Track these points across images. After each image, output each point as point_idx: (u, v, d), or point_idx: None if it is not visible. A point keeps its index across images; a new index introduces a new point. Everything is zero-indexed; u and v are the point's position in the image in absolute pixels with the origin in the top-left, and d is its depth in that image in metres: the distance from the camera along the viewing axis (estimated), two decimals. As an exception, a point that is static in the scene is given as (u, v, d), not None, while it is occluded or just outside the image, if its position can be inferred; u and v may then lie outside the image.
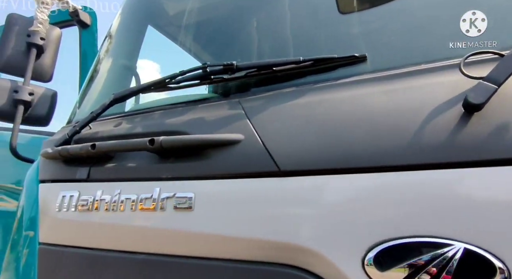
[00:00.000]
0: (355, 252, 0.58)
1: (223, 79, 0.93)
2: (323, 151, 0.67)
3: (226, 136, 0.78)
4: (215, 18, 1.52)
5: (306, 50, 0.95)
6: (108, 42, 1.58)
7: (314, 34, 0.97)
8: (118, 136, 0.96)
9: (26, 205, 1.11)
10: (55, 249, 0.94)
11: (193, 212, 0.75)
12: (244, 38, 1.23)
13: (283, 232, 0.65)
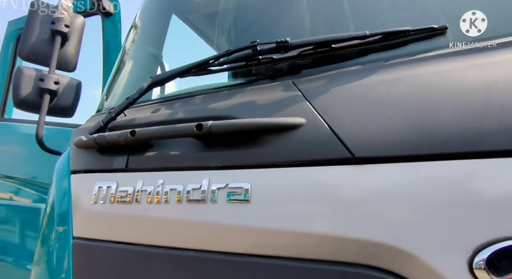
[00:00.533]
0: (460, 254, 0.49)
1: (273, 59, 0.84)
2: (406, 135, 0.58)
3: (285, 120, 0.69)
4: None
5: (357, 24, 0.85)
6: (134, 31, 1.51)
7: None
8: (158, 122, 0.88)
9: (56, 197, 1.05)
10: (91, 244, 0.87)
11: (250, 205, 0.67)
12: (277, 22, 1.14)
13: (366, 229, 0.56)
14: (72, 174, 1.00)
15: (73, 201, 0.95)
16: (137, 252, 0.78)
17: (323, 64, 0.79)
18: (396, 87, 0.64)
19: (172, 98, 0.97)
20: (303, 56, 0.81)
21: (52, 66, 1.47)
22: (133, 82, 1.38)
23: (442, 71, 0.63)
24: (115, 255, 0.82)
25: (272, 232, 0.64)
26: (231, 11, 1.48)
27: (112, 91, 1.31)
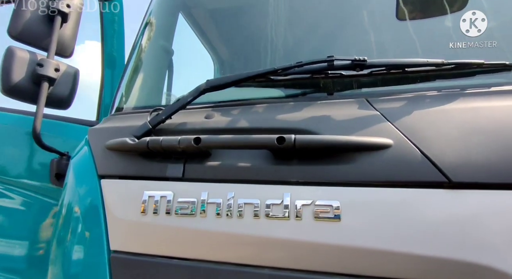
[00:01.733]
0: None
1: (343, 75, 0.85)
2: (501, 163, 0.63)
3: (373, 139, 0.70)
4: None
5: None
6: (149, 29, 1.40)
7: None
8: (218, 130, 0.83)
9: (79, 204, 0.92)
10: (133, 260, 0.79)
11: (340, 223, 0.67)
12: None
13: (466, 251, 0.60)
14: (103, 179, 0.90)
15: (108, 209, 0.85)
16: (204, 269, 0.73)
17: (395, 85, 0.82)
18: (481, 115, 0.69)
19: (226, 104, 0.92)
20: (374, 75, 0.83)
21: (52, 50, 1.29)
22: (154, 82, 1.28)
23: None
24: (173, 272, 0.75)
25: (364, 251, 0.65)
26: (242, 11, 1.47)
27: (132, 90, 1.20)
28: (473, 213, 0.62)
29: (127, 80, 1.26)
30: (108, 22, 1.71)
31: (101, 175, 0.91)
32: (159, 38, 1.44)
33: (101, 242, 0.84)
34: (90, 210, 0.89)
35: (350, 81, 0.86)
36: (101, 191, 0.89)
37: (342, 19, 1.16)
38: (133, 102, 1.16)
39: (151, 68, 1.33)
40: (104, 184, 0.89)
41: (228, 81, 0.87)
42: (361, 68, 0.81)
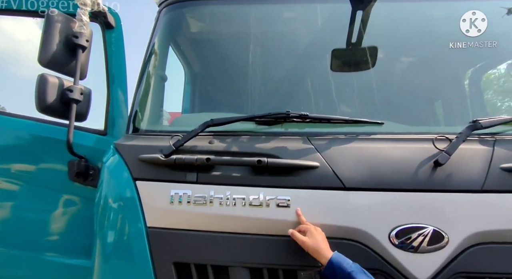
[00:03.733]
0: (386, 231, 1.18)
1: (294, 121, 1.42)
2: (372, 178, 1.25)
3: (310, 163, 1.28)
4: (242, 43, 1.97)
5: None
6: (153, 54, 1.83)
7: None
8: (219, 153, 1.34)
9: (119, 198, 1.37)
10: (165, 231, 1.28)
11: (290, 209, 1.24)
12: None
13: (348, 221, 1.21)
14: (138, 181, 1.35)
15: (144, 201, 1.31)
16: (210, 236, 1.25)
17: (323, 129, 1.42)
18: (364, 150, 1.31)
19: (222, 134, 1.42)
20: (313, 123, 1.41)
21: (77, 77, 1.66)
22: (159, 105, 1.74)
23: (385, 147, 1.33)
24: (190, 238, 1.26)
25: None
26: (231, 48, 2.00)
27: (144, 113, 1.64)
28: (355, 203, 1.23)
29: (139, 105, 1.68)
30: (110, 44, 2.07)
31: (135, 178, 1.36)
32: (159, 68, 1.88)
33: (140, 221, 1.30)
34: (129, 201, 1.34)
35: (298, 125, 1.43)
36: (136, 189, 1.34)
37: (312, 67, 1.75)
38: (145, 125, 1.60)
39: (156, 96, 1.76)
40: (139, 184, 1.35)
41: (225, 121, 1.39)
42: (304, 120, 1.38)
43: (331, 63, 1.82)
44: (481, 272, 1.18)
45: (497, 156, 1.28)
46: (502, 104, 1.81)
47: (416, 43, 1.84)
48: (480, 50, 1.89)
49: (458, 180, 1.24)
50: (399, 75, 1.81)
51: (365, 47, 1.80)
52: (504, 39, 1.93)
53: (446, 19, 1.87)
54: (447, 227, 1.19)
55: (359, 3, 1.79)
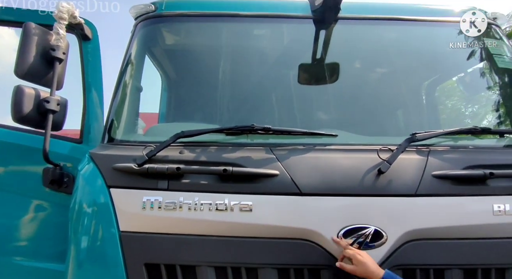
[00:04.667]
0: (335, 231, 1.36)
1: (259, 133, 1.57)
2: (327, 182, 1.42)
3: (271, 171, 1.44)
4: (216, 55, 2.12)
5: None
6: (129, 65, 1.93)
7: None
8: (187, 162, 1.47)
9: (93, 204, 1.46)
10: (137, 235, 1.39)
11: (252, 213, 1.39)
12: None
13: (303, 223, 1.37)
14: (112, 189, 1.45)
15: (117, 207, 1.42)
16: (178, 238, 1.37)
17: (284, 140, 1.58)
18: (319, 159, 1.48)
19: (191, 145, 1.55)
20: (275, 135, 1.57)
21: (53, 88, 1.73)
22: (135, 116, 1.84)
23: (338, 157, 1.51)
24: (161, 241, 1.37)
25: (263, 226, 1.38)
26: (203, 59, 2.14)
27: (119, 123, 1.74)
28: (309, 207, 1.39)
29: (114, 115, 1.78)
30: (86, 54, 2.14)
31: (109, 185, 1.46)
32: (134, 77, 1.97)
33: (113, 226, 1.40)
34: (103, 207, 1.44)
35: (263, 137, 1.59)
36: (110, 195, 1.44)
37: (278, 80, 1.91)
38: (120, 135, 1.70)
39: (131, 107, 1.86)
40: (113, 191, 1.45)
41: (196, 133, 1.52)
42: (267, 132, 1.54)
43: (297, 77, 2.00)
44: (414, 264, 1.37)
45: (430, 165, 1.49)
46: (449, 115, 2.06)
47: (370, 61, 2.06)
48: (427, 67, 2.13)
49: (396, 186, 1.44)
50: (356, 90, 2.01)
51: (326, 64, 1.99)
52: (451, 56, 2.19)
53: (396, 40, 2.10)
54: (386, 226, 1.38)
55: (321, 23, 1.98)
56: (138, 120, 2.01)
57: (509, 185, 1.45)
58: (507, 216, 1.41)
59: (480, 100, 2.07)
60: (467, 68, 2.14)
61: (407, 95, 2.02)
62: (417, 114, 2.04)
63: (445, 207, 1.43)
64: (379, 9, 2.12)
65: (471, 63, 2.08)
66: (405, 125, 1.89)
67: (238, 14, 2.02)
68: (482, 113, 2.03)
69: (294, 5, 2.10)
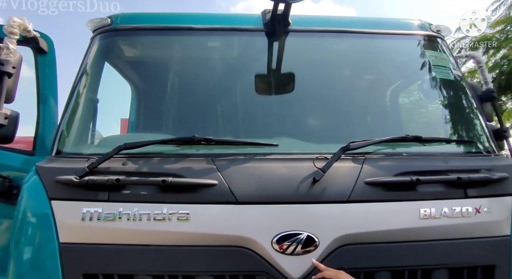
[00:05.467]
0: (269, 238, 1.41)
1: (202, 143, 1.63)
2: (263, 191, 1.48)
3: (208, 181, 1.49)
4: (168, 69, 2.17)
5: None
6: (84, 78, 1.97)
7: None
8: (128, 173, 1.51)
9: (35, 216, 1.48)
10: (77, 246, 1.42)
11: (190, 222, 1.43)
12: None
13: (238, 230, 1.42)
14: (53, 201, 1.48)
15: (58, 219, 1.44)
16: (116, 249, 1.41)
17: (224, 151, 1.64)
18: (257, 169, 1.54)
19: (134, 156, 1.59)
20: (215, 145, 1.63)
21: (1, 102, 1.75)
22: (86, 128, 1.87)
23: (275, 166, 1.57)
24: (99, 252, 1.40)
25: (200, 235, 1.42)
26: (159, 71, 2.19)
27: (69, 135, 1.77)
28: (245, 215, 1.45)
29: (63, 128, 1.81)
30: (42, 67, 2.17)
31: (51, 197, 1.48)
32: (88, 89, 2.01)
33: (53, 238, 1.43)
34: (44, 219, 1.46)
35: (206, 147, 1.64)
36: (51, 208, 1.47)
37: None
38: (70, 148, 1.73)
39: (82, 119, 1.90)
40: (54, 203, 1.47)
41: (138, 144, 1.56)
42: (209, 143, 1.60)
43: (249, 87, 2.08)
44: (345, 268, 1.43)
45: (364, 172, 1.57)
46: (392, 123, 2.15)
47: (317, 71, 2.14)
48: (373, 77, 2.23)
49: (330, 193, 1.50)
50: (305, 100, 2.09)
51: (276, 75, 2.08)
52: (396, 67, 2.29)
53: (343, 51, 2.20)
54: (319, 232, 1.44)
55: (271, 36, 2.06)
56: (94, 132, 2.05)
57: (435, 190, 1.54)
58: (433, 220, 1.49)
59: (424, 109, 2.18)
60: (411, 78, 2.25)
61: (353, 104, 2.11)
62: (362, 123, 2.12)
63: (376, 213, 1.50)
64: (328, 22, 2.22)
65: (414, 74, 2.19)
66: (349, 133, 1.96)
67: (191, 28, 2.09)
68: (425, 121, 2.14)
69: (247, 18, 2.18)
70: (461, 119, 1.96)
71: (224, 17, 2.19)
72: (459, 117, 1.97)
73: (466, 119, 1.94)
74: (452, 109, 2.02)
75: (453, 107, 2.02)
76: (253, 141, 1.63)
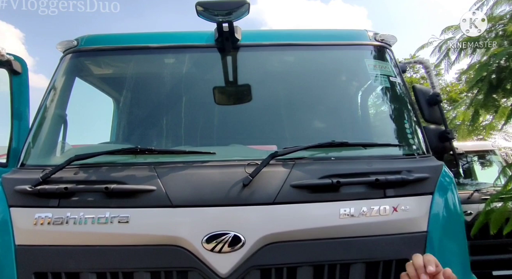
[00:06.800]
0: (199, 237, 1.57)
1: (145, 153, 1.80)
2: (196, 195, 1.64)
3: (147, 187, 1.66)
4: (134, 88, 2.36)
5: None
6: (51, 94, 2.18)
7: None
8: (78, 181, 1.69)
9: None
10: (30, 248, 1.60)
11: (129, 224, 1.60)
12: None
13: (172, 231, 1.58)
14: (11, 208, 1.67)
15: (14, 224, 1.63)
16: (64, 249, 1.58)
17: (170, 158, 1.81)
18: (195, 175, 1.71)
19: (86, 166, 1.78)
20: (159, 154, 1.80)
21: None
22: (51, 141, 2.07)
23: (210, 172, 1.73)
24: (49, 252, 1.58)
25: (138, 235, 1.59)
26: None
27: (33, 148, 1.97)
28: (179, 217, 1.61)
29: (29, 142, 2.01)
30: (16, 86, 2.40)
31: (10, 205, 1.68)
32: (56, 105, 2.21)
33: (10, 241, 1.61)
34: (3, 224, 1.65)
35: (151, 156, 1.82)
36: (9, 214, 1.66)
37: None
38: (33, 160, 1.93)
39: (49, 129, 2.10)
40: (12, 210, 1.66)
41: (89, 154, 1.75)
42: (152, 152, 1.77)
43: (204, 100, 2.25)
44: (270, 264, 1.58)
45: (291, 176, 1.71)
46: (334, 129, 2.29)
47: (265, 83, 2.31)
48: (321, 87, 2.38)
49: (257, 196, 1.66)
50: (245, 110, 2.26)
51: (227, 88, 2.25)
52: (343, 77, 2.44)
53: (289, 63, 2.36)
54: (245, 232, 1.59)
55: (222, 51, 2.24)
56: (63, 144, 2.25)
57: (355, 191, 1.67)
58: (351, 218, 1.62)
59: (362, 115, 2.32)
60: (352, 87, 2.39)
61: (295, 112, 2.26)
62: (302, 129, 2.26)
63: (299, 213, 1.64)
64: (277, 36, 2.39)
65: (355, 82, 2.33)
66: (289, 139, 2.11)
67: (147, 47, 2.28)
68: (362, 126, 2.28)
69: (201, 35, 2.36)
70: (392, 124, 2.09)
71: (179, 35, 2.37)
72: (391, 122, 2.10)
73: (397, 124, 2.07)
74: (385, 114, 2.15)
75: (387, 112, 2.15)
76: (192, 150, 1.80)
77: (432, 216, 1.70)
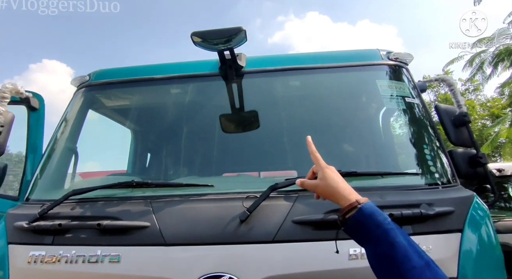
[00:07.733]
0: (195, 278, 1.44)
1: (141, 186, 1.74)
2: (191, 232, 1.53)
3: (141, 223, 1.58)
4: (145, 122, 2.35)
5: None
6: (61, 128, 2.22)
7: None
8: (73, 217, 1.66)
9: (-5, 258, 1.67)
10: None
11: (120, 263, 1.51)
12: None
13: (164, 272, 1.47)
14: (10, 244, 1.66)
15: (11, 261, 1.61)
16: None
17: (166, 191, 1.73)
18: (190, 210, 1.61)
19: (84, 201, 1.75)
20: (155, 187, 1.73)
21: None
22: (57, 175, 2.09)
23: (207, 206, 1.62)
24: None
25: (131, 276, 1.49)
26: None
27: (40, 182, 1.99)
28: (172, 256, 1.50)
29: (37, 175, 2.04)
30: (33, 121, 2.51)
31: (9, 242, 1.67)
32: (66, 138, 2.26)
33: (6, 275, 1.58)
34: (1, 261, 1.64)
35: (149, 190, 1.75)
36: (8, 251, 1.64)
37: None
38: (37, 194, 1.94)
39: (55, 165, 2.13)
40: (10, 247, 1.65)
41: (86, 190, 1.72)
42: (148, 186, 1.71)
43: (213, 128, 2.20)
44: (269, 312, 1.40)
45: (294, 210, 1.56)
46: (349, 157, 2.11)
47: (272, 109, 2.21)
48: (332, 111, 2.24)
49: (255, 233, 1.51)
50: (260, 138, 2.15)
51: (236, 114, 2.18)
52: (357, 98, 2.29)
53: (304, 87, 2.26)
54: (241, 274, 1.43)
55: (227, 79, 2.20)
56: (73, 178, 2.27)
57: (366, 228, 1.47)
58: (361, 260, 1.41)
59: (377, 142, 2.11)
60: (365, 110, 2.22)
61: (302, 141, 2.11)
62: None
63: (302, 253, 1.46)
64: (283, 60, 2.32)
65: (367, 106, 2.16)
66: (295, 169, 1.96)
67: (154, 78, 2.30)
68: (379, 153, 2.07)
69: (205, 64, 2.35)
70: (411, 149, 1.87)
71: (185, 64, 2.37)
72: (408, 147, 1.88)
73: (417, 149, 1.85)
74: (402, 139, 1.94)
75: (404, 137, 1.94)
76: (188, 183, 1.71)
77: (463, 257, 1.44)
